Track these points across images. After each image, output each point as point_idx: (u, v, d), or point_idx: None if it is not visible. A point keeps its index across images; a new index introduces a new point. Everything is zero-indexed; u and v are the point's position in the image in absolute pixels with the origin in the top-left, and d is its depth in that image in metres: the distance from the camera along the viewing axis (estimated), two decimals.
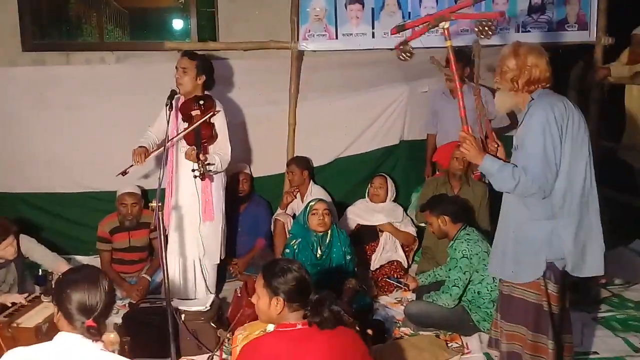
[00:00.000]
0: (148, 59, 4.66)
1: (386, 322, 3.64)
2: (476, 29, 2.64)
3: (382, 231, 4.53)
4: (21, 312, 3.39)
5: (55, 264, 3.89)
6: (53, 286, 3.40)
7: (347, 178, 4.93)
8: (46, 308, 3.45)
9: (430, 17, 2.76)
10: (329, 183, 4.83)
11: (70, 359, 1.83)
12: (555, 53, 3.41)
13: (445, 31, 2.63)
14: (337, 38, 4.57)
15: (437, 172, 4.72)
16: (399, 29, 2.92)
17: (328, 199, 4.41)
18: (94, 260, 4.45)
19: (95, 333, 1.86)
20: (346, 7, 4.55)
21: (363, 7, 4.56)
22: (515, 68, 2.50)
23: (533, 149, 2.44)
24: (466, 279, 3.43)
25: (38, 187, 4.73)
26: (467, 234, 3.54)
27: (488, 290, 3.43)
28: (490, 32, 2.60)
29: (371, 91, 4.85)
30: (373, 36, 4.59)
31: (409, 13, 4.58)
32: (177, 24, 5.56)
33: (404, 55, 2.83)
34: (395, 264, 4.34)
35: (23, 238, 3.83)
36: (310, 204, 3.83)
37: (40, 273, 3.98)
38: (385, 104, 4.89)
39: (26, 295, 3.56)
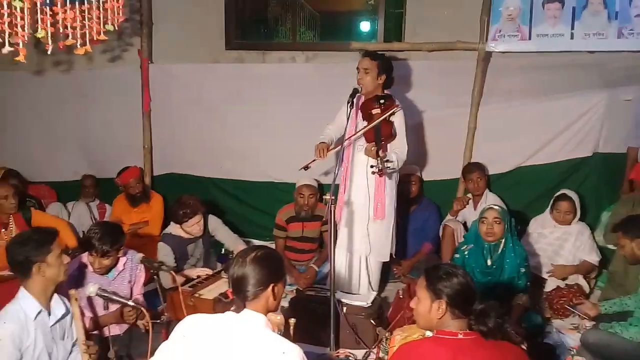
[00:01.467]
0: (335, 59, 4.85)
1: (558, 347, 3.34)
2: None
3: None
4: (204, 284, 3.75)
5: (235, 245, 4.21)
6: None
7: (528, 189, 4.60)
8: (225, 283, 3.77)
9: None
10: (507, 192, 4.55)
11: (235, 331, 1.94)
12: None
13: None
14: (530, 39, 4.31)
15: (635, 190, 4.15)
16: None
17: (504, 207, 4.14)
18: (269, 246, 4.75)
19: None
20: (543, 6, 4.27)
21: (563, 6, 4.23)
22: None
23: None
24: None
25: (229, 173, 5.21)
26: None
27: None
28: None
29: (564, 97, 4.45)
30: (572, 37, 4.24)
31: (616, 13, 4.15)
32: (365, 25, 5.71)
33: None
34: (575, 287, 3.93)
35: (211, 218, 4.23)
36: (482, 210, 3.65)
37: (222, 252, 4.36)
38: (579, 111, 4.44)
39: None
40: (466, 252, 3.63)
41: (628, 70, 4.15)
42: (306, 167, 3.93)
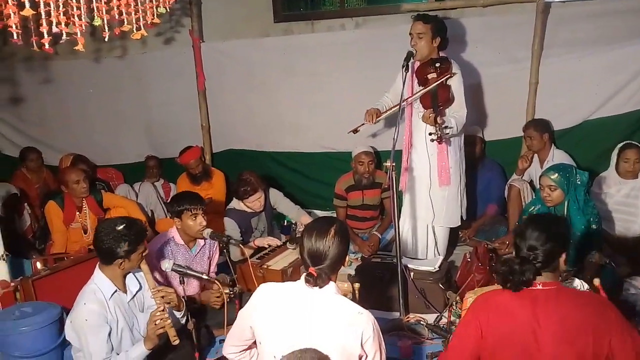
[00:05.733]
0: (385, 23, 4.74)
1: (637, 305, 3.22)
2: None
3: None
4: (270, 256, 3.85)
5: (298, 216, 4.27)
6: (297, 235, 3.77)
7: (596, 143, 4.38)
8: (291, 254, 3.85)
9: None
10: (574, 148, 4.37)
11: (309, 296, 2.00)
12: None
13: None
14: None
15: None
16: None
17: (572, 163, 3.98)
18: (330, 216, 4.80)
19: (311, 281, 1.97)
20: None
21: None
22: None
23: None
24: None
25: (284, 146, 5.24)
26: None
27: None
28: None
29: (631, 44, 4.17)
30: None
31: None
32: None
33: None
34: None
35: (272, 191, 4.28)
36: (540, 175, 3.52)
37: (285, 224, 4.43)
38: None
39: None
40: (534, 213, 3.53)
41: None
42: (355, 131, 3.94)
